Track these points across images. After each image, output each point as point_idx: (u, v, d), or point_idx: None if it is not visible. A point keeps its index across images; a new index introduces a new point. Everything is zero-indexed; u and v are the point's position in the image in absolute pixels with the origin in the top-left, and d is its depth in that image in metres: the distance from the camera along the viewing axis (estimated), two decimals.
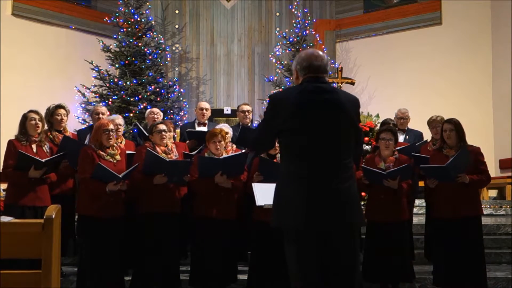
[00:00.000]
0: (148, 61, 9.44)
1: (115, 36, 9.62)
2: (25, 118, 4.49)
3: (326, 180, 2.56)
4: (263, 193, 3.86)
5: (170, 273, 4.43)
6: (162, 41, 10.17)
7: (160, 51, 9.78)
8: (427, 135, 5.79)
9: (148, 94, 9.11)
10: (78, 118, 9.11)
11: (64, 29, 9.89)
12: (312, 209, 2.53)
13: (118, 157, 4.36)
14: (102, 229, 4.19)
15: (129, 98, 9.04)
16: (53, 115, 4.91)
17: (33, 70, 9.22)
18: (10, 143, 4.46)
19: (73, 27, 9.97)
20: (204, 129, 5.72)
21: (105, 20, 9.80)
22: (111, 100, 9.04)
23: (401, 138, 5.82)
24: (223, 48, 11.06)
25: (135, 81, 9.16)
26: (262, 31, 11.13)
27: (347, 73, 10.24)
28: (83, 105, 9.25)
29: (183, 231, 4.70)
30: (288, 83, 9.71)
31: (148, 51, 9.48)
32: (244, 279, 4.62)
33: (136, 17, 9.58)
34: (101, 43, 9.48)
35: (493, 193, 8.96)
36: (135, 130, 6.87)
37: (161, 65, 9.85)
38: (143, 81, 9.25)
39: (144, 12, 9.80)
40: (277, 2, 11.16)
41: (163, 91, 9.50)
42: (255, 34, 11.12)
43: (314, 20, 10.76)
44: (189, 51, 11.01)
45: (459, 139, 4.45)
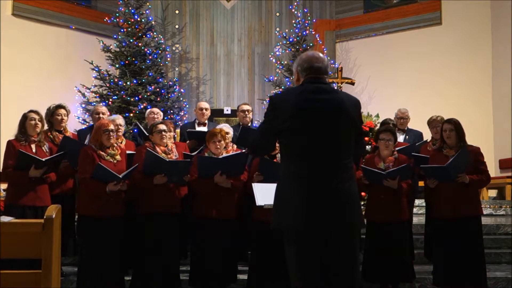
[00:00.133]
0: (148, 61, 9.43)
1: (115, 36, 9.61)
2: (25, 118, 4.49)
3: (326, 180, 2.57)
4: (263, 193, 3.86)
5: (170, 273, 4.43)
6: (162, 41, 10.16)
7: (160, 51, 9.77)
8: (427, 135, 5.79)
9: (148, 94, 9.11)
10: (78, 118, 9.11)
11: (64, 29, 9.88)
12: (312, 209, 2.53)
13: (118, 157, 4.36)
14: (102, 229, 4.20)
15: (129, 98, 9.04)
16: (54, 115, 4.91)
17: (33, 70, 9.22)
18: (9, 143, 4.46)
19: (73, 27, 9.97)
20: (204, 129, 5.72)
21: (105, 20, 9.79)
22: (111, 100, 9.03)
23: (401, 138, 5.82)
24: (223, 48, 11.05)
25: (135, 81, 9.15)
26: (262, 31, 11.12)
27: (347, 73, 10.24)
28: (83, 105, 9.24)
29: (183, 231, 4.70)
30: (288, 83, 9.70)
31: (148, 51, 9.48)
32: (244, 279, 4.62)
33: (136, 17, 9.58)
34: (101, 43, 9.48)
35: (493, 193, 8.96)
36: (135, 130, 6.87)
37: (161, 65, 9.84)
38: (143, 81, 9.25)
39: (144, 12, 9.79)
40: (277, 2, 11.16)
41: (163, 91, 9.50)
42: (255, 34, 11.12)
43: (314, 20, 10.75)
44: (189, 51, 11.01)
45: (459, 139, 4.46)
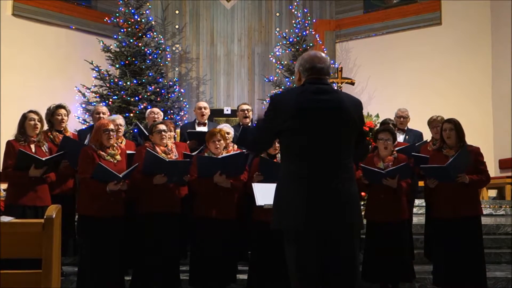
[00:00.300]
0: (148, 61, 9.43)
1: (115, 36, 9.61)
2: (24, 118, 4.48)
3: (326, 180, 2.57)
4: (263, 193, 3.87)
5: (170, 273, 4.43)
6: (162, 41, 10.17)
7: (160, 51, 9.77)
8: (427, 135, 5.79)
9: (148, 94, 9.11)
10: (78, 118, 9.11)
11: (64, 29, 9.88)
12: (312, 209, 2.53)
13: (118, 157, 4.36)
14: (102, 229, 4.20)
15: (129, 98, 9.04)
16: (54, 115, 4.91)
17: (33, 70, 9.22)
18: (8, 144, 4.45)
19: (73, 27, 9.97)
20: (204, 129, 5.71)
21: (105, 20, 9.79)
22: (111, 100, 9.03)
23: (401, 138, 5.82)
24: (223, 48, 11.05)
25: (135, 81, 9.15)
26: (262, 31, 11.12)
27: (347, 73, 10.24)
28: (84, 105, 9.25)
29: (183, 231, 4.70)
30: (288, 83, 9.70)
31: (148, 51, 9.48)
32: (244, 279, 4.63)
33: (136, 17, 9.58)
34: (101, 43, 9.48)
35: (492, 193, 8.96)
36: (135, 130, 6.87)
37: (161, 65, 9.84)
38: (143, 81, 9.25)
39: (144, 12, 9.79)
40: (277, 2, 11.16)
41: (163, 91, 9.50)
42: (255, 34, 11.12)
43: (314, 20, 10.75)
44: (189, 51, 11.01)
45: (459, 139, 4.45)
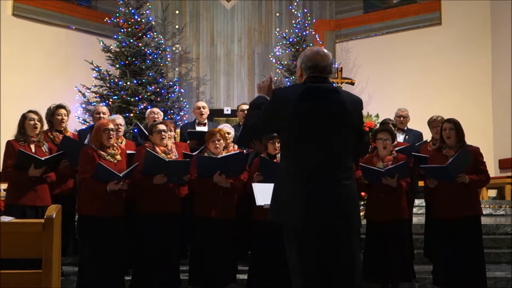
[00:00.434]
0: (148, 61, 9.43)
1: (115, 36, 9.61)
2: (24, 118, 4.48)
3: (325, 179, 2.58)
4: (263, 193, 3.87)
5: (170, 273, 4.43)
6: (162, 41, 10.16)
7: (160, 51, 9.77)
8: (427, 135, 5.79)
9: (148, 94, 9.10)
10: (78, 118, 9.11)
11: (64, 29, 9.89)
12: (311, 207, 2.54)
13: (118, 157, 4.36)
14: (102, 229, 4.20)
15: (129, 98, 9.04)
16: (54, 115, 4.91)
17: (33, 70, 9.22)
18: (8, 144, 4.45)
19: (74, 27, 9.97)
20: (204, 129, 5.72)
21: (105, 20, 9.78)
22: (111, 100, 9.03)
23: (401, 138, 5.82)
24: (223, 48, 11.05)
25: (135, 81, 9.15)
26: (262, 31, 11.12)
27: (347, 73, 10.24)
28: (84, 105, 9.24)
29: (183, 231, 4.70)
30: (288, 84, 9.70)
31: (148, 51, 9.48)
32: (244, 279, 4.63)
33: (136, 17, 9.57)
34: (102, 43, 9.48)
35: (492, 193, 8.96)
36: (135, 130, 6.88)
37: (161, 65, 9.84)
38: (144, 81, 9.24)
39: (144, 12, 9.79)
40: (277, 2, 11.15)
41: (163, 91, 9.50)
42: (255, 34, 11.12)
43: (314, 20, 10.74)
44: (189, 51, 11.01)
45: (459, 139, 4.46)
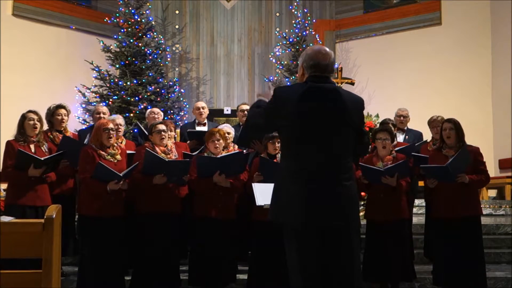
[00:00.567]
0: (148, 61, 9.43)
1: (115, 36, 9.61)
2: (24, 118, 4.48)
3: (325, 179, 2.58)
4: (263, 193, 3.87)
5: (170, 273, 4.43)
6: (162, 41, 10.16)
7: (160, 51, 9.77)
8: (427, 135, 5.79)
9: (148, 94, 9.10)
10: (78, 118, 9.11)
11: (64, 29, 9.89)
12: (311, 207, 2.54)
13: (118, 157, 4.36)
14: (102, 229, 4.20)
15: (129, 98, 9.03)
16: (54, 115, 4.91)
17: (33, 70, 9.22)
18: (8, 144, 4.45)
19: (74, 27, 9.97)
20: (204, 129, 5.72)
21: (105, 20, 9.78)
22: (111, 100, 9.03)
23: (401, 138, 5.83)
24: (223, 48, 11.05)
25: (135, 81, 9.15)
26: (262, 31, 11.12)
27: (347, 73, 10.24)
28: (84, 105, 9.24)
29: (183, 231, 4.71)
30: (288, 84, 9.70)
31: (148, 51, 9.47)
32: (244, 279, 4.63)
33: (136, 17, 9.57)
34: (102, 43, 9.48)
35: (492, 193, 8.95)
36: (135, 130, 6.88)
37: (161, 65, 9.84)
38: (144, 81, 9.24)
39: (144, 12, 9.79)
40: (277, 2, 11.15)
41: (163, 91, 9.50)
42: (255, 34, 11.12)
43: (314, 20, 10.74)
44: (189, 51, 11.00)
45: (458, 139, 4.46)
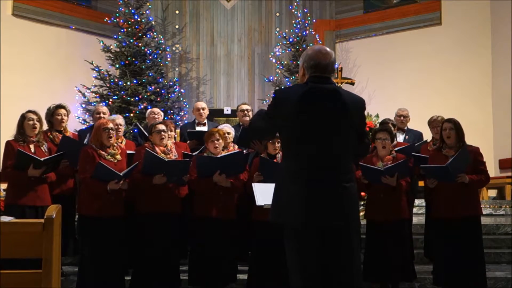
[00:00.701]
0: (148, 61, 9.43)
1: (115, 36, 9.61)
2: (23, 118, 4.48)
3: (325, 180, 2.58)
4: (263, 193, 3.87)
5: (170, 273, 4.43)
6: (162, 41, 10.16)
7: (160, 51, 9.77)
8: (427, 135, 5.79)
9: (148, 94, 9.11)
10: (78, 118, 9.11)
11: (64, 29, 9.89)
12: (311, 207, 2.54)
13: (118, 157, 4.36)
14: (102, 229, 4.20)
15: (129, 98, 9.04)
16: (54, 115, 4.91)
17: (33, 70, 9.22)
18: (8, 144, 4.45)
19: (74, 27, 9.97)
20: (204, 129, 5.72)
21: (105, 20, 9.78)
22: (111, 100, 9.03)
23: (401, 138, 5.83)
24: (223, 48, 11.05)
25: (135, 81, 9.15)
26: (262, 31, 11.12)
27: (347, 73, 10.24)
28: (84, 105, 9.25)
29: (183, 231, 4.71)
30: (288, 84, 9.70)
31: (148, 51, 9.48)
32: (244, 279, 4.63)
33: (136, 17, 9.57)
34: (102, 43, 9.48)
35: (492, 193, 8.96)
36: (135, 130, 6.87)
37: (161, 65, 9.84)
38: (144, 81, 9.24)
39: (144, 12, 9.79)
40: (277, 2, 11.15)
41: (163, 91, 9.50)
42: (255, 34, 11.12)
43: (314, 20, 10.74)
44: (189, 51, 11.01)
45: (458, 139, 4.46)
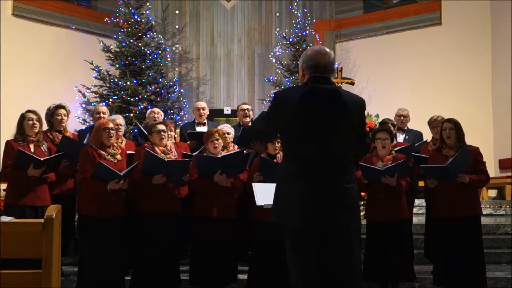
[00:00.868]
0: (148, 61, 9.43)
1: (115, 36, 9.62)
2: (23, 118, 4.48)
3: (326, 180, 2.58)
4: (263, 193, 3.87)
5: (170, 273, 4.44)
6: (162, 41, 10.16)
7: (160, 51, 9.77)
8: (427, 135, 5.78)
9: (148, 94, 9.11)
10: (78, 118, 9.11)
11: (64, 29, 9.89)
12: (311, 207, 2.54)
13: (118, 157, 4.36)
14: (102, 229, 4.20)
15: (129, 98, 9.04)
16: (54, 115, 4.91)
17: (33, 70, 9.22)
18: (7, 144, 4.45)
19: (74, 27, 9.97)
20: (204, 129, 5.73)
21: (105, 20, 9.79)
22: (111, 100, 9.03)
23: (401, 138, 5.83)
24: (223, 48, 11.05)
25: (135, 81, 9.15)
26: (262, 31, 11.12)
27: (347, 73, 10.24)
28: (84, 105, 9.25)
29: (183, 231, 4.71)
30: (288, 83, 9.70)
31: (148, 51, 9.48)
32: (244, 279, 4.63)
33: (136, 17, 9.58)
34: (102, 43, 9.49)
35: (492, 193, 8.96)
36: (135, 130, 6.87)
37: (161, 65, 9.84)
38: (144, 81, 9.24)
39: (144, 12, 9.80)
40: (277, 2, 11.16)
41: (163, 91, 9.50)
42: (255, 34, 11.12)
43: (314, 20, 10.74)
44: (189, 51, 11.01)
45: (458, 139, 4.45)
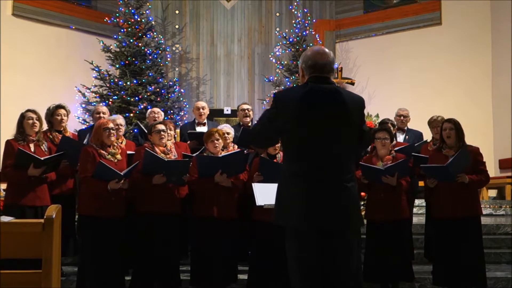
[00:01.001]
0: (148, 61, 9.43)
1: (115, 36, 9.61)
2: (23, 117, 4.49)
3: (326, 180, 2.58)
4: (263, 193, 3.87)
5: (170, 273, 4.44)
6: (162, 41, 10.16)
7: (160, 51, 9.77)
8: (427, 135, 5.79)
9: (148, 94, 9.11)
10: (78, 118, 9.11)
11: (64, 29, 9.88)
12: (312, 208, 2.54)
13: (119, 157, 4.36)
14: (102, 229, 4.20)
15: (129, 98, 9.04)
16: (53, 115, 4.91)
17: (33, 70, 9.22)
18: (7, 143, 4.45)
19: (74, 27, 9.97)
20: (204, 129, 5.73)
21: (105, 20, 9.78)
22: (111, 100, 9.03)
23: (401, 138, 5.83)
24: (223, 48, 11.05)
25: (135, 81, 9.15)
26: (262, 31, 11.12)
27: (347, 73, 10.24)
28: (84, 105, 9.25)
29: (183, 231, 4.71)
30: (288, 83, 9.70)
31: (148, 51, 9.48)
32: (244, 279, 4.63)
33: (136, 17, 9.58)
34: (102, 43, 9.48)
35: (492, 193, 8.96)
36: (135, 130, 6.87)
37: (161, 65, 9.84)
38: (144, 81, 9.24)
39: (144, 12, 9.79)
40: (277, 2, 11.16)
41: (163, 91, 9.50)
42: (255, 34, 11.12)
43: (314, 20, 10.75)
44: (189, 51, 11.01)
45: (458, 139, 4.46)
